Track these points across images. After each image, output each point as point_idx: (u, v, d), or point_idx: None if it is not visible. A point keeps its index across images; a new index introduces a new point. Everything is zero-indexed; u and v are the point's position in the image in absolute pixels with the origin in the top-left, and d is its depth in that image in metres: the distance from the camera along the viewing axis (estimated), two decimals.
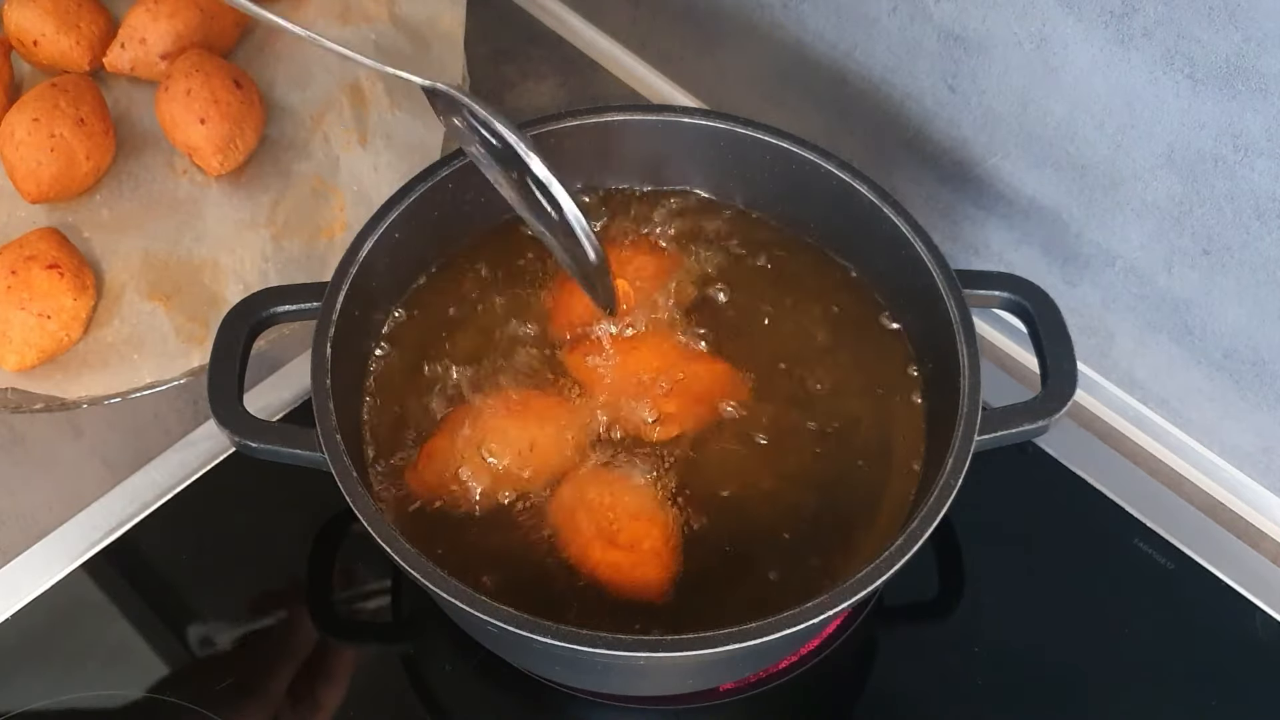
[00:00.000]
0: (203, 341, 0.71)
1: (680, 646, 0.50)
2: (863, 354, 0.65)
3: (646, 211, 0.70)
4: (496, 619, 0.50)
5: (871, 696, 0.66)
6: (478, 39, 0.93)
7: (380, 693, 0.65)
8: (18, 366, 0.69)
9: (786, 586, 0.57)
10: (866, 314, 0.66)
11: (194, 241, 0.74)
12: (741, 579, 0.58)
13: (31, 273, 0.69)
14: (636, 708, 0.65)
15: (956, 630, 0.68)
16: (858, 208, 0.64)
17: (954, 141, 0.74)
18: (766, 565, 0.58)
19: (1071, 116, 0.66)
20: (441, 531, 0.59)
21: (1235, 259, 0.64)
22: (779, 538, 0.59)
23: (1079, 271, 0.73)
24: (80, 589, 0.68)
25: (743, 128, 0.66)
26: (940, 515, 0.53)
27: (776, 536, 0.59)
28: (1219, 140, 0.60)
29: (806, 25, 0.77)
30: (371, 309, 0.63)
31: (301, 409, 0.73)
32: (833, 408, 0.63)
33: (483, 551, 0.58)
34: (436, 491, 0.60)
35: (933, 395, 0.62)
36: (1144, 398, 0.76)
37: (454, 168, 0.64)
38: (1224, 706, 0.65)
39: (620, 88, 0.94)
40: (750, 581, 0.58)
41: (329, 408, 0.55)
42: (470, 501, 0.59)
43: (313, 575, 0.69)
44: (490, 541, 0.58)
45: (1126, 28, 0.60)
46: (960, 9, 0.67)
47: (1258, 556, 0.71)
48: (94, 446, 0.73)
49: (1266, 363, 0.67)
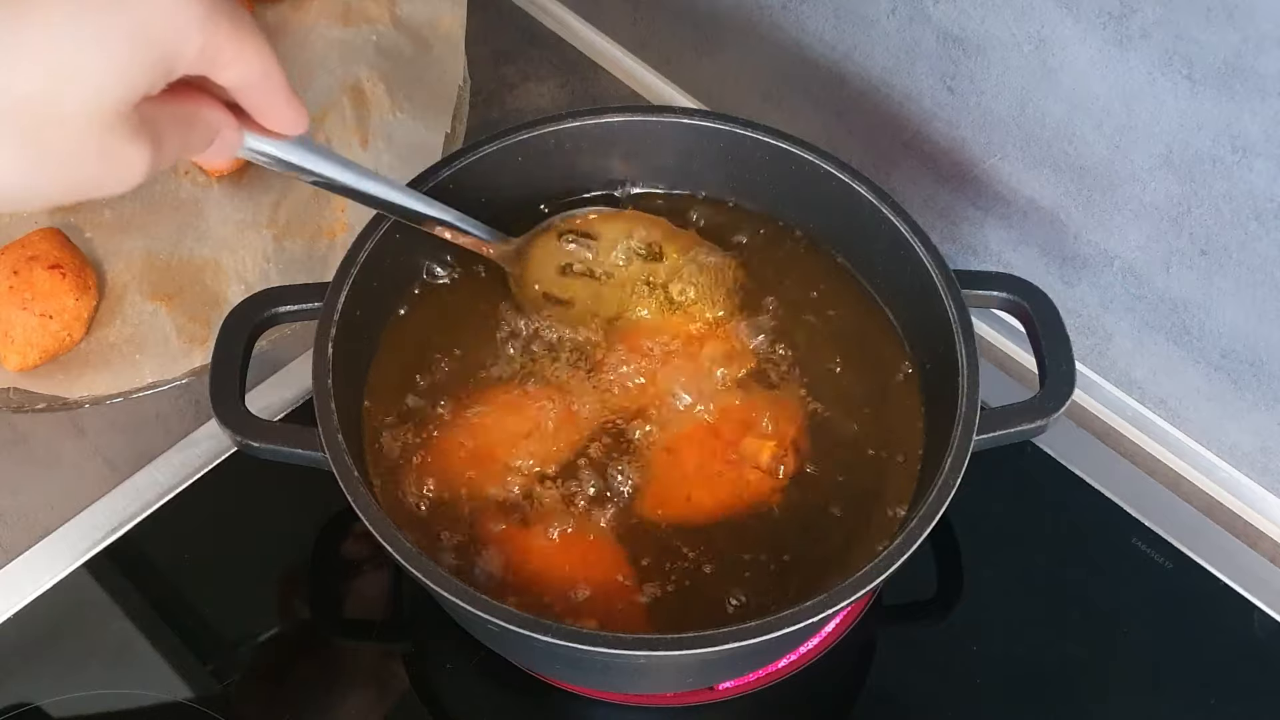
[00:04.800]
0: (204, 341, 0.71)
1: (680, 645, 0.50)
2: (861, 353, 0.65)
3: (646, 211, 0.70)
4: (497, 617, 0.50)
5: (870, 696, 0.66)
6: (478, 40, 0.93)
7: (381, 692, 0.65)
8: (20, 366, 0.69)
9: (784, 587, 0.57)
10: (865, 314, 0.66)
11: (196, 242, 0.74)
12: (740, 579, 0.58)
13: (34, 273, 0.69)
14: (636, 707, 0.65)
15: (955, 629, 0.68)
16: (856, 208, 0.64)
17: (952, 142, 0.74)
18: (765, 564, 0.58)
19: (1070, 117, 0.66)
20: (442, 529, 0.59)
21: (1233, 259, 0.64)
22: (777, 536, 0.59)
23: (1077, 272, 0.73)
24: (82, 588, 0.68)
25: (742, 128, 0.66)
26: (939, 515, 0.53)
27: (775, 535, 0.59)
28: (1217, 141, 0.60)
29: (805, 26, 0.77)
30: (373, 309, 0.63)
31: (303, 409, 0.73)
32: (831, 407, 0.63)
33: (484, 550, 0.58)
34: (438, 490, 0.60)
35: (931, 395, 0.62)
36: (1142, 397, 0.76)
37: (455, 168, 0.64)
38: (1222, 705, 0.65)
39: (620, 88, 0.94)
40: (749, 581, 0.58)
41: (330, 408, 0.56)
42: (471, 500, 0.59)
43: (314, 574, 0.69)
44: (492, 540, 0.59)
45: (1125, 29, 0.60)
46: (959, 10, 0.67)
47: (1256, 556, 0.71)
48: (96, 446, 0.74)
49: (1264, 363, 0.67)
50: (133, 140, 0.38)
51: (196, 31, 0.38)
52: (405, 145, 0.78)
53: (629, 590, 0.57)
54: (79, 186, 0.38)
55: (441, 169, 0.64)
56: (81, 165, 0.37)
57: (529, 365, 0.64)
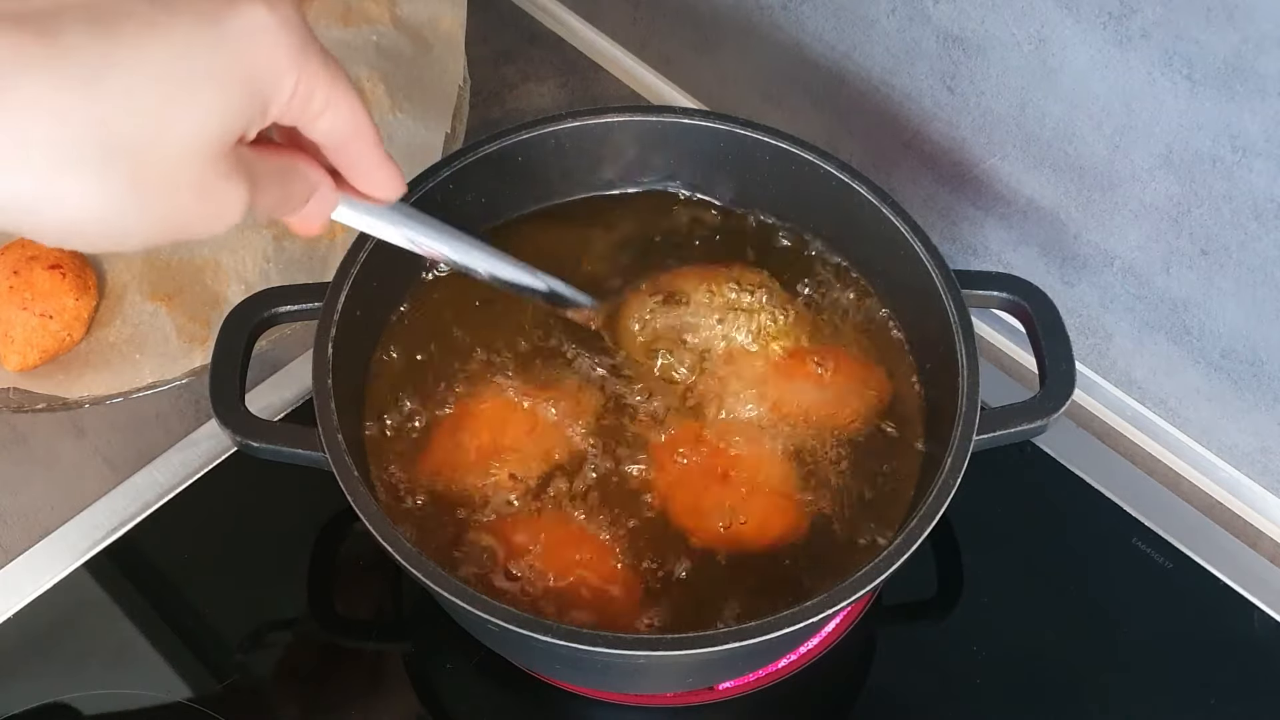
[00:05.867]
0: (204, 341, 0.71)
1: (680, 645, 0.50)
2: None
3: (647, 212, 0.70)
4: (497, 617, 0.50)
5: (870, 696, 0.66)
6: (478, 40, 0.93)
7: (381, 691, 0.65)
8: (20, 366, 0.69)
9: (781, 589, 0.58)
10: (864, 314, 0.66)
11: (196, 242, 0.74)
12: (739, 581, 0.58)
13: (34, 273, 0.69)
14: (636, 707, 0.65)
15: (955, 629, 0.68)
16: (857, 208, 0.64)
17: (952, 142, 0.74)
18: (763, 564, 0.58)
19: (1070, 117, 0.66)
20: (442, 530, 0.59)
21: (1233, 259, 0.64)
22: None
23: (1077, 272, 0.73)
24: (82, 588, 0.68)
25: (742, 128, 0.66)
26: (939, 514, 0.53)
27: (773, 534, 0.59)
28: (1217, 141, 0.60)
29: (805, 26, 0.77)
30: (373, 309, 0.63)
31: (303, 409, 0.73)
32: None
33: (484, 549, 0.58)
34: (438, 489, 0.60)
35: (931, 395, 0.62)
36: (1142, 397, 0.76)
37: (455, 168, 0.64)
38: (1222, 705, 0.65)
39: (620, 89, 0.94)
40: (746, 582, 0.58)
41: (330, 408, 0.56)
42: (472, 499, 0.60)
43: (314, 574, 0.69)
44: (492, 539, 0.59)
45: (1125, 29, 0.60)
46: (959, 10, 0.67)
47: (1256, 555, 0.71)
48: (96, 446, 0.74)
49: (1264, 362, 0.67)
50: (231, 179, 0.38)
51: (291, 67, 0.38)
52: (405, 145, 0.78)
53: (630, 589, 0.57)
54: (177, 226, 0.38)
55: (441, 169, 0.64)
56: (181, 204, 0.37)
57: (530, 363, 0.64)
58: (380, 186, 0.46)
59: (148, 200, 0.36)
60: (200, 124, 0.36)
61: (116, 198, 0.35)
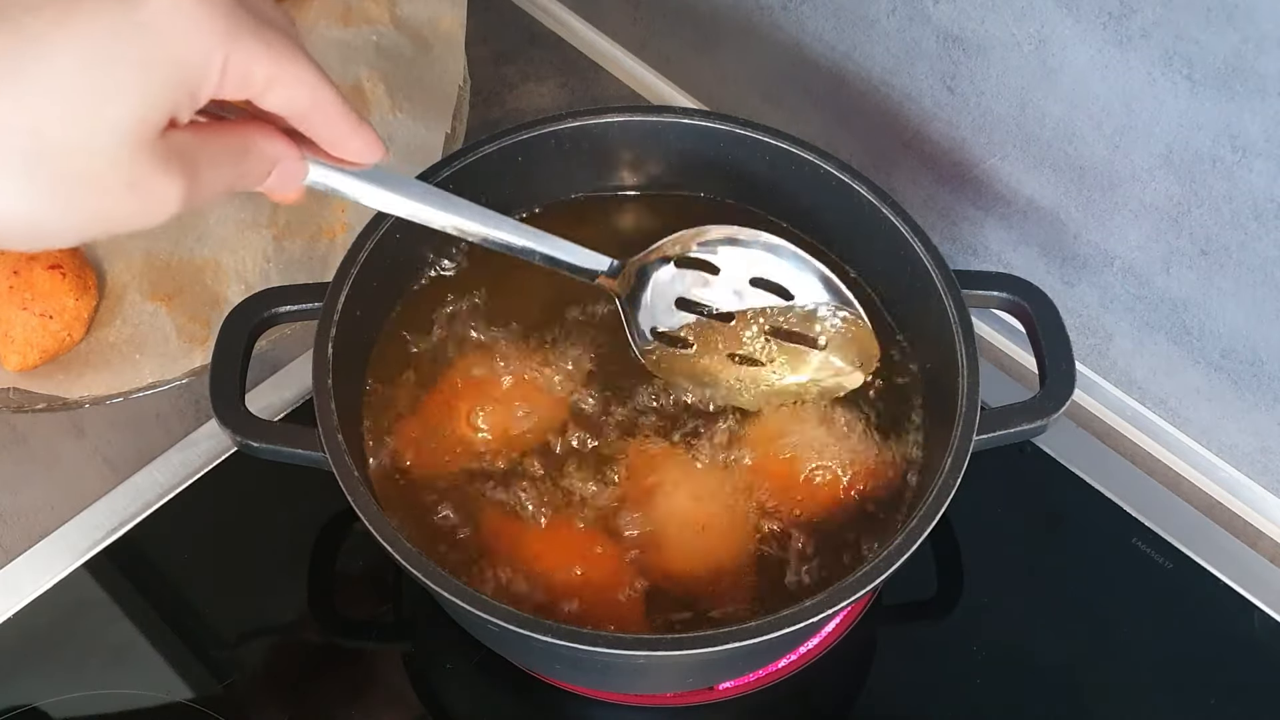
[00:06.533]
0: (204, 341, 0.71)
1: (680, 645, 0.50)
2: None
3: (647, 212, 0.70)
4: (497, 617, 0.50)
5: (870, 696, 0.66)
6: (478, 40, 0.93)
7: (381, 691, 0.65)
8: (20, 366, 0.69)
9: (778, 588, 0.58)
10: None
11: (196, 242, 0.74)
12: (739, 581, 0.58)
13: (34, 273, 0.69)
14: (636, 707, 0.65)
15: (955, 630, 0.68)
16: (856, 208, 0.64)
17: (952, 142, 0.74)
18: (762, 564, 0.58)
19: (1070, 117, 0.66)
20: (442, 530, 0.59)
21: (1233, 259, 0.65)
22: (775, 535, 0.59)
23: (1077, 272, 0.73)
24: (82, 588, 0.68)
25: (742, 128, 0.66)
26: (939, 514, 0.53)
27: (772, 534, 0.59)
28: (1217, 141, 0.60)
29: (805, 26, 0.77)
30: (373, 309, 0.63)
31: (303, 409, 0.73)
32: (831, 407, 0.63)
33: (484, 549, 0.58)
34: (439, 490, 0.60)
35: (931, 395, 0.62)
36: (1142, 397, 0.76)
37: (455, 169, 0.64)
38: (1222, 705, 0.65)
39: (620, 89, 0.94)
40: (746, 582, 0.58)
41: (330, 408, 0.56)
42: (473, 499, 0.59)
43: (314, 574, 0.69)
44: (494, 539, 0.59)
45: (1125, 29, 0.60)
46: (959, 10, 0.67)
47: (1256, 556, 0.71)
48: (96, 446, 0.74)
49: (1264, 363, 0.67)
50: (162, 171, 0.37)
51: (216, 46, 0.37)
52: (405, 145, 0.78)
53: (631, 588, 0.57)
54: (109, 220, 0.37)
55: (441, 169, 0.64)
56: (109, 198, 0.36)
57: (530, 363, 0.64)
58: (354, 152, 0.44)
59: (73, 197, 0.35)
60: (122, 114, 0.35)
61: (41, 197, 0.35)
